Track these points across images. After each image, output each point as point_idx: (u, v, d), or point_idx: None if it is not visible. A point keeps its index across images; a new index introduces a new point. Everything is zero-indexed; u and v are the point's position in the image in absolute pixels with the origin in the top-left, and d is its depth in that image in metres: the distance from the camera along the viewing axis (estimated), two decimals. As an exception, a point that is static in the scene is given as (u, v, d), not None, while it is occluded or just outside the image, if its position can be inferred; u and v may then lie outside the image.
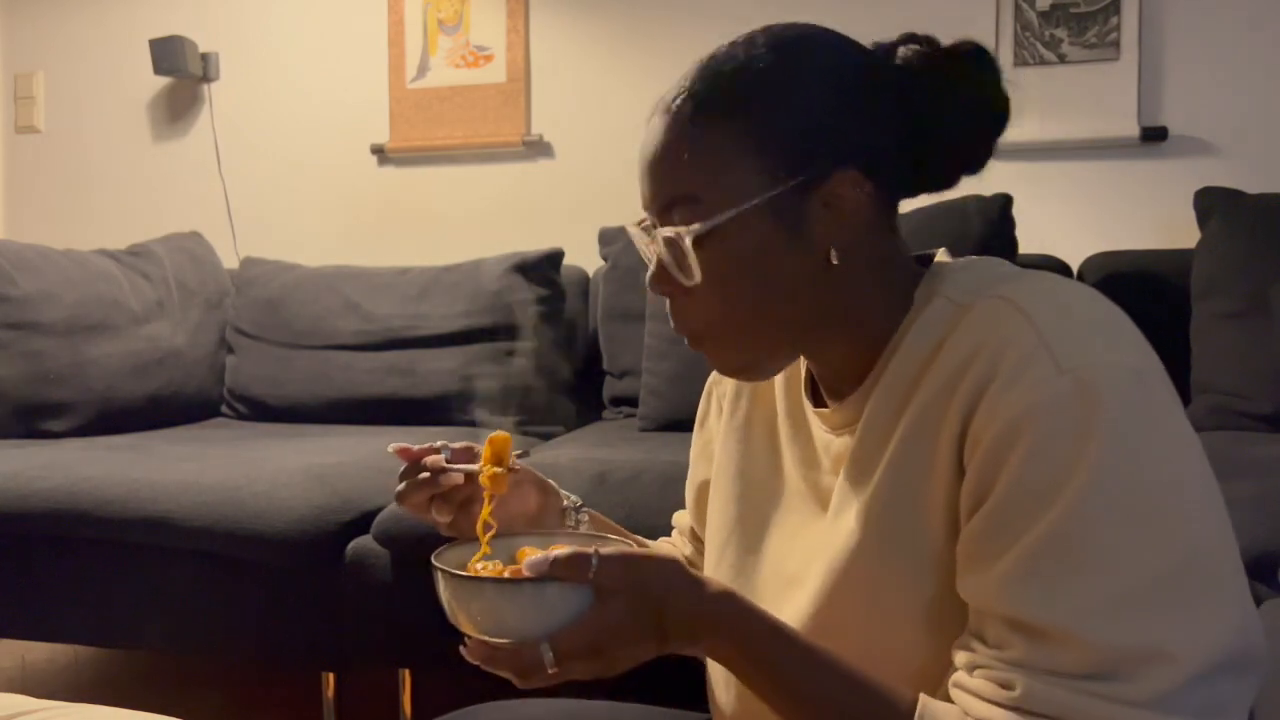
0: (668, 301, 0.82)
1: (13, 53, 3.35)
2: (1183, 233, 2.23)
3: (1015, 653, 0.66)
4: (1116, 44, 2.39)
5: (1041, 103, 2.44)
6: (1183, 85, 2.38)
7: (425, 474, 0.89)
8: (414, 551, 1.74)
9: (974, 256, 0.83)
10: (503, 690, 0.81)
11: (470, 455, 0.91)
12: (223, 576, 1.84)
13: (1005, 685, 0.66)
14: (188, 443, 2.27)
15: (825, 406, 0.85)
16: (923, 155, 0.80)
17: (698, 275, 0.77)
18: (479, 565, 0.79)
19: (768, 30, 0.80)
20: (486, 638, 0.72)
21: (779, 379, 0.91)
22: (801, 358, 0.87)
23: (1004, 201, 2.12)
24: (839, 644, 0.75)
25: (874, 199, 0.78)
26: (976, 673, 0.68)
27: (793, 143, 0.76)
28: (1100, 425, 0.65)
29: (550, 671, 0.70)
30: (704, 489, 1.00)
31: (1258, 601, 1.18)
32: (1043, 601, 0.65)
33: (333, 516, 1.79)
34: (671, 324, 0.82)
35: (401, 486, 0.90)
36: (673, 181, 0.78)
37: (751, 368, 0.83)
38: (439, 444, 0.91)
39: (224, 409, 2.69)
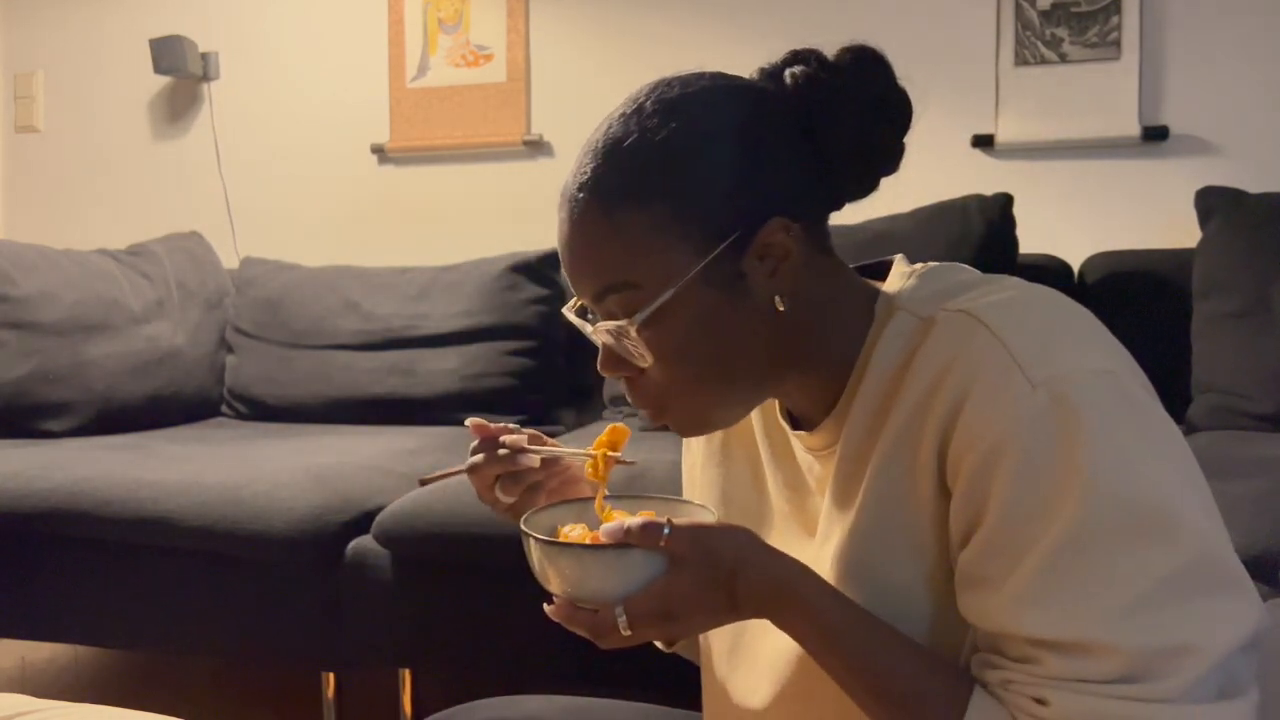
0: (622, 381, 0.81)
1: (13, 53, 3.35)
2: (1184, 232, 2.22)
3: (1044, 667, 0.66)
4: (1118, 43, 2.39)
5: (1042, 102, 2.44)
6: (1184, 84, 2.37)
7: (503, 451, 0.88)
8: (414, 551, 1.74)
9: (931, 263, 0.82)
10: (502, 688, 0.82)
11: (538, 443, 0.91)
12: (223, 576, 1.84)
13: (1040, 700, 0.66)
14: (188, 443, 2.27)
15: (801, 427, 0.84)
16: (836, 172, 0.79)
17: (649, 358, 0.76)
18: (566, 529, 0.82)
19: (655, 95, 0.78)
20: (560, 594, 0.75)
21: None
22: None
23: (1004, 201, 2.12)
24: None
25: (804, 236, 0.77)
26: (1010, 688, 0.68)
27: (712, 209, 0.74)
28: (1083, 436, 0.65)
29: (624, 634, 0.72)
30: None
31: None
32: (1063, 618, 0.65)
33: (333, 516, 1.79)
34: (630, 400, 0.82)
35: (477, 459, 0.90)
36: (600, 273, 0.76)
37: (721, 424, 0.84)
38: (513, 424, 0.91)
39: (224, 409, 2.69)
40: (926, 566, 0.73)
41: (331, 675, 1.96)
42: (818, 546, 0.81)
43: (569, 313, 0.84)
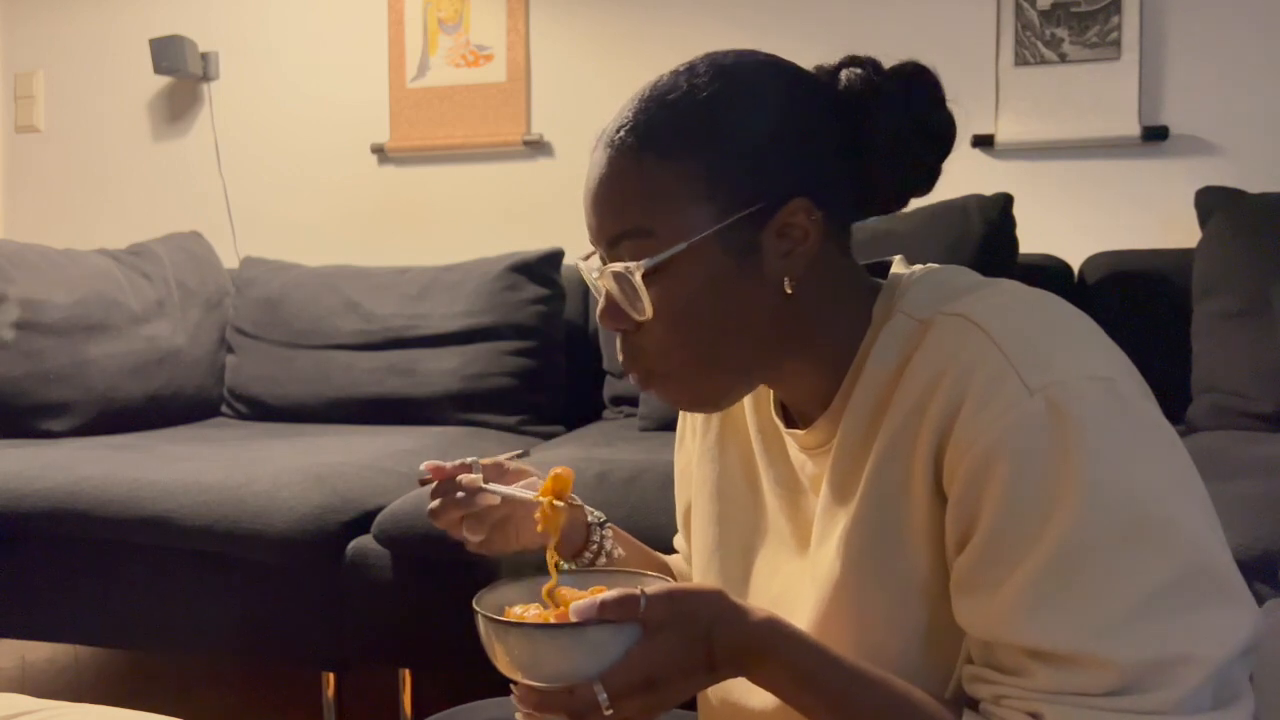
0: (617, 339, 0.80)
1: (13, 52, 3.35)
2: (1184, 232, 2.23)
3: (1038, 680, 0.66)
4: (1117, 43, 2.39)
5: (1042, 102, 2.44)
6: (1184, 84, 2.37)
7: (460, 493, 0.87)
8: (414, 551, 1.74)
9: (932, 265, 0.82)
10: (502, 689, 0.81)
11: (499, 471, 0.90)
12: (223, 576, 1.84)
13: (1033, 715, 0.66)
14: (188, 443, 2.27)
15: (796, 426, 0.84)
16: (869, 179, 0.79)
17: (649, 310, 0.75)
18: (517, 610, 0.78)
19: (710, 58, 0.79)
20: (530, 682, 0.72)
21: (747, 396, 0.90)
22: None
23: (1004, 201, 2.12)
24: None
25: (825, 226, 0.77)
26: (1003, 703, 0.67)
27: (742, 174, 0.75)
28: (1078, 443, 0.65)
29: (606, 713, 0.69)
30: (690, 514, 0.99)
31: (1260, 601, 1.18)
32: (1056, 628, 0.65)
33: (333, 516, 1.79)
34: (620, 360, 0.81)
35: (435, 504, 0.88)
36: (620, 215, 0.76)
37: (707, 401, 0.82)
38: (470, 460, 0.89)
39: (224, 409, 2.69)
40: (923, 572, 0.73)
41: (331, 675, 1.96)
42: (813, 549, 0.81)
43: (580, 262, 0.83)
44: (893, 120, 0.78)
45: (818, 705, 0.72)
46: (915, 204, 0.85)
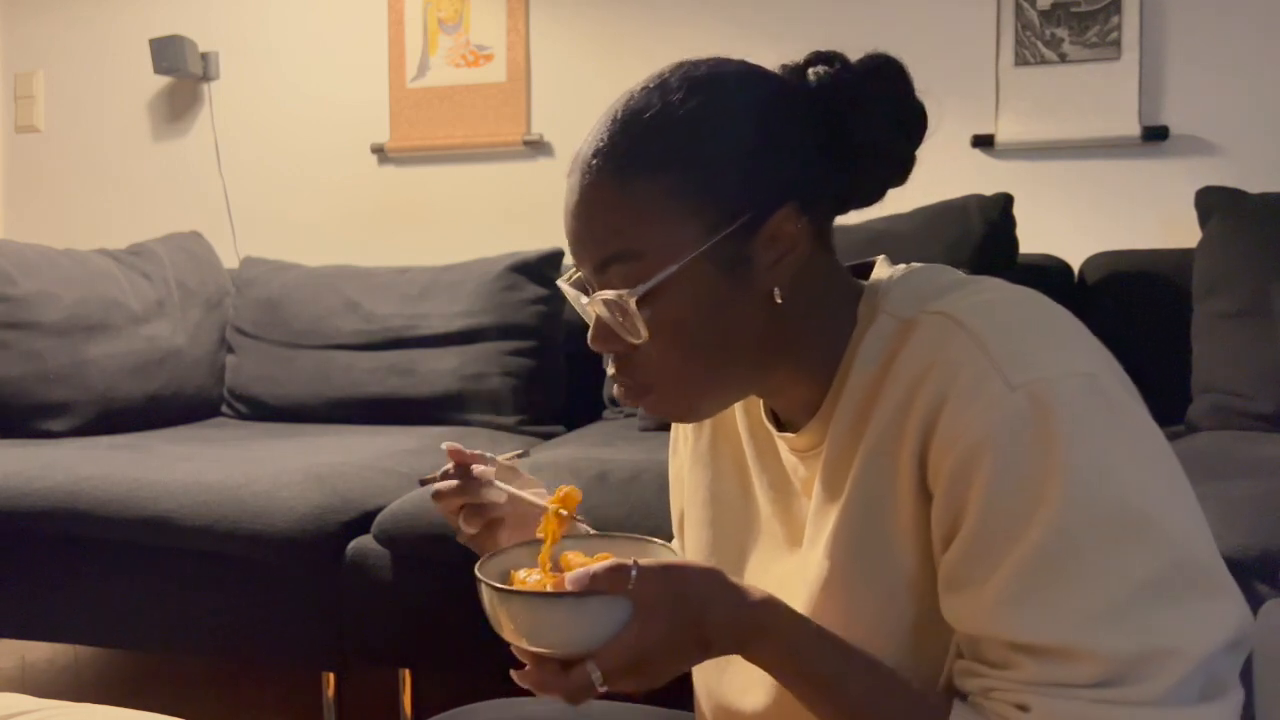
0: (609, 358, 0.80)
1: (13, 52, 3.35)
2: (1184, 232, 2.22)
3: (1025, 672, 0.66)
4: (1118, 43, 2.39)
5: (1042, 102, 2.44)
6: (1184, 84, 2.37)
7: (470, 480, 0.87)
8: (414, 551, 1.74)
9: (915, 264, 0.82)
10: (501, 689, 0.81)
11: (513, 474, 0.90)
12: (223, 576, 1.84)
13: (1020, 706, 0.66)
14: (188, 443, 2.27)
15: (786, 430, 0.84)
16: (848, 175, 0.79)
17: (644, 333, 0.75)
18: (521, 575, 0.78)
19: (679, 71, 0.78)
20: (531, 648, 0.72)
21: (738, 402, 0.90)
22: None
23: (1004, 201, 2.12)
24: None
25: (811, 230, 0.77)
26: (991, 695, 0.68)
27: (726, 188, 0.74)
28: (1061, 439, 0.65)
29: (600, 690, 0.70)
30: (684, 520, 0.98)
31: (1259, 601, 1.18)
32: (1041, 621, 0.65)
33: (333, 516, 1.79)
34: (613, 374, 0.80)
35: (441, 485, 0.88)
36: (608, 239, 0.75)
37: (699, 412, 0.83)
38: (489, 455, 0.89)
39: (224, 409, 2.69)
40: (910, 570, 0.73)
41: (331, 675, 1.96)
42: (804, 549, 0.81)
43: (564, 284, 0.82)
44: (868, 114, 0.77)
45: (811, 686, 0.72)
46: (915, 204, 0.85)
